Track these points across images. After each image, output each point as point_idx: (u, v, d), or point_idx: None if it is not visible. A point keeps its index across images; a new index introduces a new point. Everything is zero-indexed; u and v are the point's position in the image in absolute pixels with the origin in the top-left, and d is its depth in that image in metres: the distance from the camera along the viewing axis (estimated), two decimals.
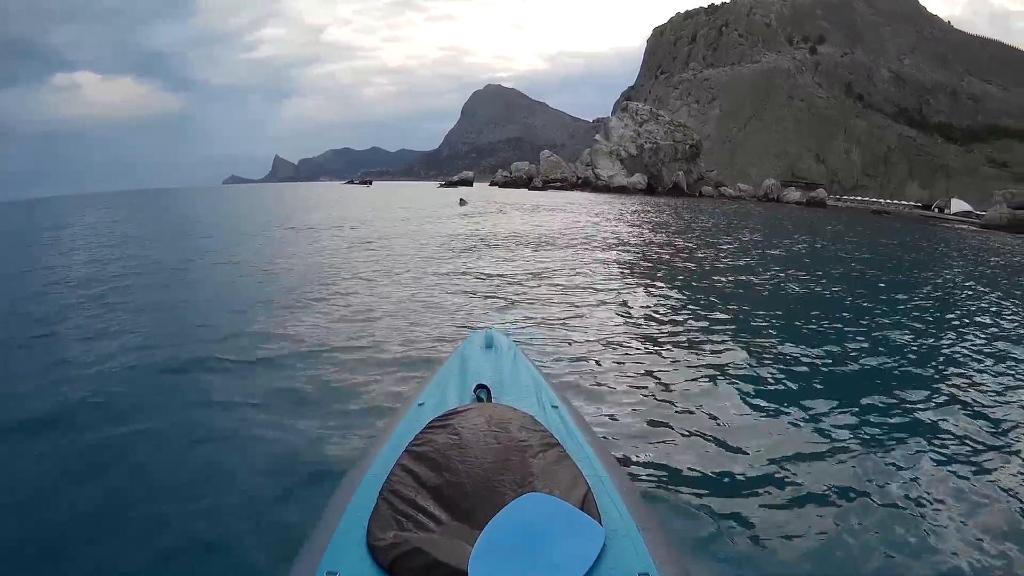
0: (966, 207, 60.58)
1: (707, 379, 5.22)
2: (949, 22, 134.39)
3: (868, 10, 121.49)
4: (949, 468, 3.71)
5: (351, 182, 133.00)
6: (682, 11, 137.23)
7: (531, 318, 7.35)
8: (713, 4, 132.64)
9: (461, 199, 36.20)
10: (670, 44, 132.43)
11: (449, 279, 9.89)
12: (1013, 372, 5.88)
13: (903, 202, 74.90)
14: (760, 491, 3.33)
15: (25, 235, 21.09)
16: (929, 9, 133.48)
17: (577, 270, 11.15)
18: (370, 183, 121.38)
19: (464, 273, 10.47)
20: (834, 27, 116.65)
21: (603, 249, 14.67)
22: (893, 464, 3.73)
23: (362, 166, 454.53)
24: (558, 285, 9.55)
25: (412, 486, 1.74)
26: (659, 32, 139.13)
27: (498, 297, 8.54)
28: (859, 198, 80.00)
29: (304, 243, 15.46)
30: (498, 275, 10.30)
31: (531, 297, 8.58)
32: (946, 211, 61.26)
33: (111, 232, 20.43)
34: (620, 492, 1.78)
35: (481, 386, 2.46)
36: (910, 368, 5.93)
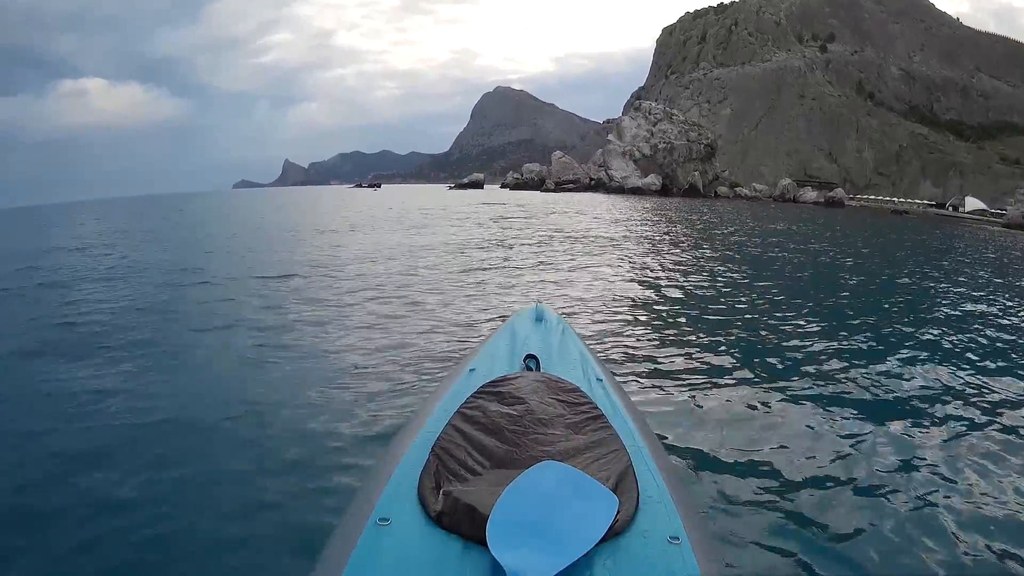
0: (980, 205, 60.06)
1: (746, 367, 5.50)
2: (958, 19, 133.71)
3: (876, 8, 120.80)
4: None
5: (359, 185, 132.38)
6: (691, 10, 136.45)
7: (580, 300, 8.23)
8: (722, 3, 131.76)
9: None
10: (680, 44, 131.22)
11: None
12: None
13: (917, 201, 74.38)
14: (785, 474, 3.56)
15: (37, 241, 20.52)
16: (937, 6, 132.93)
17: (621, 263, 12.14)
18: (379, 186, 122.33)
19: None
20: (843, 24, 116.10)
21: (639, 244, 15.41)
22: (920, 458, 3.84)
23: (372, 169, 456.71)
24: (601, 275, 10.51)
25: (462, 445, 1.83)
26: (668, 32, 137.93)
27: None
28: (874, 197, 79.44)
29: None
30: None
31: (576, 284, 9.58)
32: (960, 209, 60.90)
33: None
34: (656, 462, 1.87)
35: (530, 356, 2.54)
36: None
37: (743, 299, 8.83)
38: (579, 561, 1.36)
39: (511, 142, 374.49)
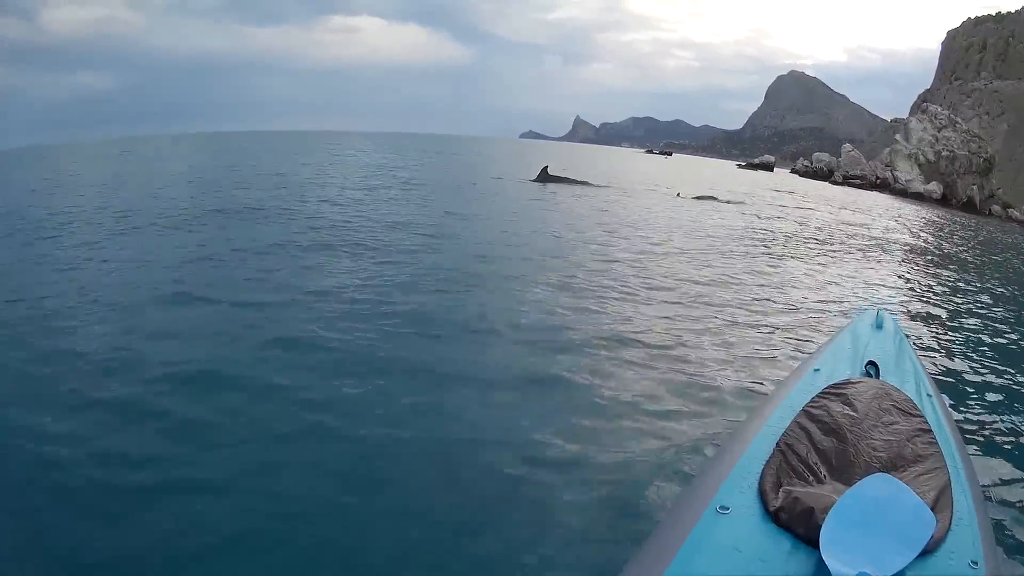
0: None
1: None
2: None
3: None
4: None
5: (651, 151, 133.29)
6: (972, 16, 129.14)
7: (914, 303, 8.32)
8: (1000, 13, 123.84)
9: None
10: (963, 50, 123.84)
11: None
12: None
13: None
14: None
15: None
16: None
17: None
18: (670, 154, 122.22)
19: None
20: None
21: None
22: None
23: (664, 136, 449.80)
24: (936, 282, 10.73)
25: (805, 444, 1.93)
26: (952, 36, 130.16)
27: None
28: None
29: None
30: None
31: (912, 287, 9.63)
32: None
33: None
34: (969, 485, 1.92)
35: (871, 363, 2.65)
36: None
37: None
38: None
39: (804, 128, 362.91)
